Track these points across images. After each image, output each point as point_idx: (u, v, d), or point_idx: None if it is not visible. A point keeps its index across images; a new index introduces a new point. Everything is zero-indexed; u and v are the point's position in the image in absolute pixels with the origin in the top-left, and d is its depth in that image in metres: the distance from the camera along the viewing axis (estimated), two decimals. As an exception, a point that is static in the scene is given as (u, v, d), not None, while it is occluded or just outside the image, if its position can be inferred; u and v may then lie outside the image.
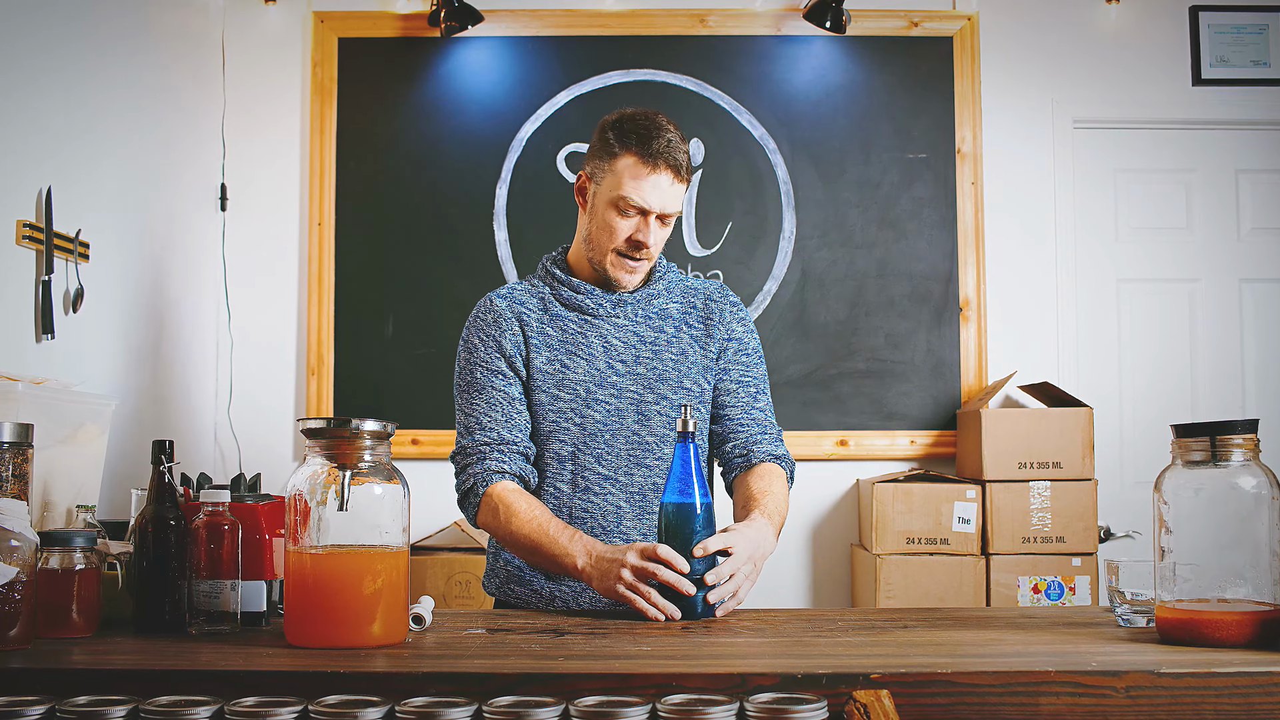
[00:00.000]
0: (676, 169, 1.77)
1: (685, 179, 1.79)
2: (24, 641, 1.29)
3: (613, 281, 1.83)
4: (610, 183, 1.78)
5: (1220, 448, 1.31)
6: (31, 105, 2.41)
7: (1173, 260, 3.55)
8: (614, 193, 1.77)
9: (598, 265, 1.84)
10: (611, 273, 1.82)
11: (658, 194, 1.77)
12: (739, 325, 1.92)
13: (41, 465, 1.66)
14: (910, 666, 1.13)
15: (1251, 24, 3.48)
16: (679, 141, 1.78)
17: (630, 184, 1.76)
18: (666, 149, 1.75)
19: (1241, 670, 1.12)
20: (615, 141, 1.78)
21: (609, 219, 1.79)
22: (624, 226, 1.78)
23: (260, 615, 1.46)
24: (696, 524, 1.55)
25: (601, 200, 1.80)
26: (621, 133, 1.78)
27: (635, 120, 1.78)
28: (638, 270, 1.83)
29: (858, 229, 3.46)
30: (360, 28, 3.48)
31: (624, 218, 1.78)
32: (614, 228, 1.79)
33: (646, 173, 1.75)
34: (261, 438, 3.40)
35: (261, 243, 3.45)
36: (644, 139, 1.76)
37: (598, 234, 1.81)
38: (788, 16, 3.47)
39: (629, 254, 1.80)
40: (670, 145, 1.76)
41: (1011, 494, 3.08)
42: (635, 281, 1.85)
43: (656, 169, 1.75)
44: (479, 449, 1.79)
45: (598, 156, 1.81)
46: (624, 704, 1.02)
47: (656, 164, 1.75)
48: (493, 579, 1.89)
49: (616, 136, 1.78)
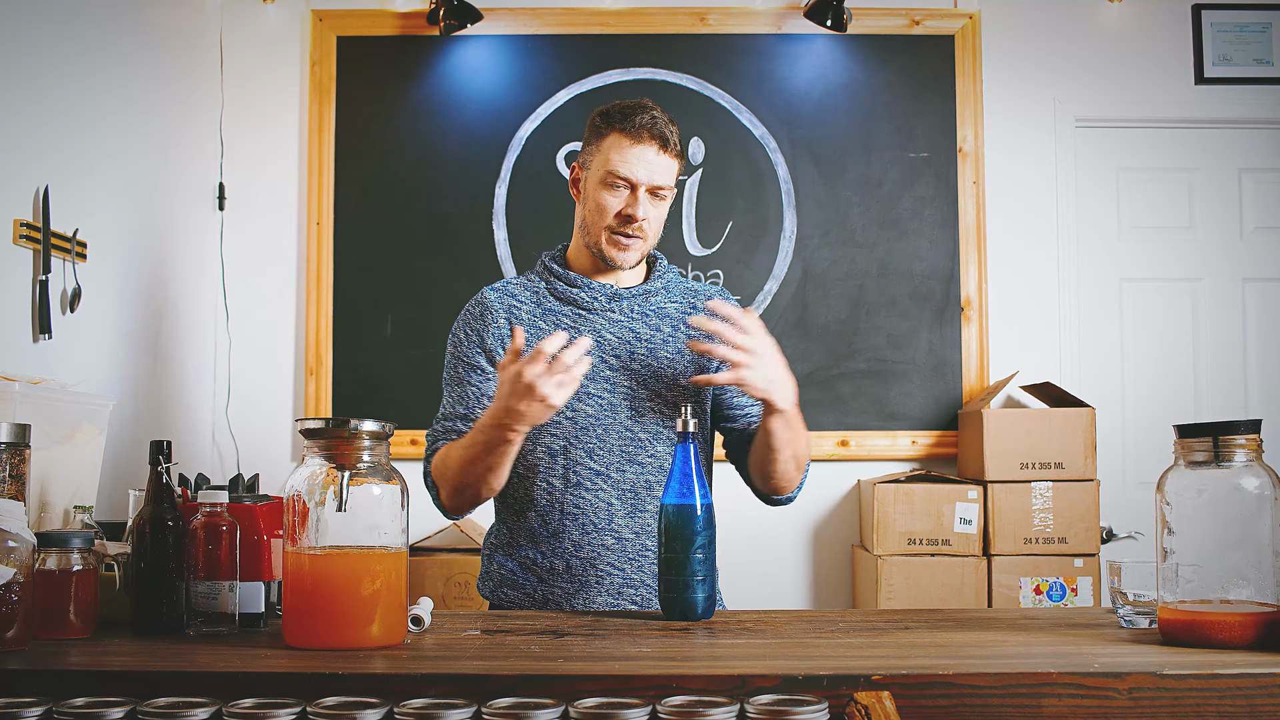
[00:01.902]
0: (663, 140, 1.80)
1: (674, 154, 1.82)
2: (21, 643, 1.28)
3: (608, 260, 1.84)
4: (598, 163, 1.82)
5: (1223, 448, 1.31)
6: (28, 104, 2.40)
7: (1175, 260, 3.54)
8: (601, 170, 1.81)
9: (594, 248, 1.84)
10: (607, 251, 1.83)
11: (644, 165, 1.79)
12: None
13: (39, 466, 1.65)
14: (912, 668, 1.13)
15: (1254, 22, 3.48)
16: (667, 122, 1.81)
17: (615, 157, 1.79)
18: (650, 123, 1.79)
19: (1245, 672, 1.12)
20: (602, 124, 1.83)
21: (599, 197, 1.81)
22: (613, 202, 1.80)
23: (258, 616, 1.46)
24: (697, 525, 1.54)
25: (592, 182, 1.83)
26: (607, 116, 1.83)
27: (621, 106, 1.84)
28: (631, 247, 1.82)
29: (859, 228, 3.45)
30: (359, 26, 3.47)
31: (613, 192, 1.80)
32: (604, 205, 1.81)
33: (629, 144, 1.79)
34: (260, 438, 3.40)
35: (260, 242, 3.45)
36: (627, 116, 1.80)
37: (591, 216, 1.84)
38: (788, 15, 3.46)
39: (621, 230, 1.81)
40: (654, 120, 1.80)
41: (1013, 495, 3.07)
42: (631, 260, 1.84)
43: (640, 140, 1.79)
44: (432, 437, 1.85)
45: (587, 145, 1.87)
46: (624, 705, 1.02)
47: (640, 136, 1.79)
48: (487, 582, 1.89)
49: (603, 120, 1.84)
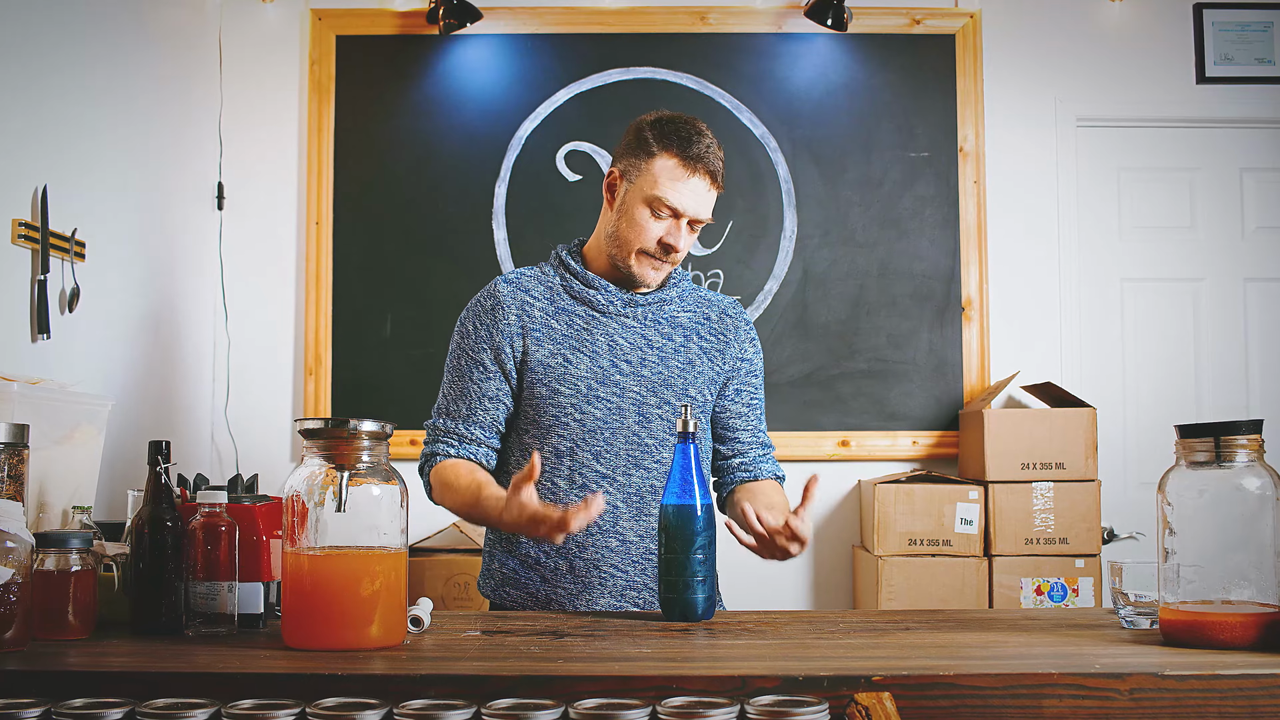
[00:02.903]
0: (714, 175, 1.77)
1: (720, 186, 1.79)
2: (19, 644, 1.28)
3: (636, 279, 1.83)
4: (645, 182, 1.77)
5: (1224, 448, 1.30)
6: (27, 103, 2.40)
7: (1176, 259, 3.53)
8: (649, 192, 1.76)
9: (620, 262, 1.82)
10: (636, 270, 1.81)
11: (694, 198, 1.76)
12: (750, 347, 1.95)
13: (37, 466, 1.65)
14: (912, 669, 1.12)
15: (1256, 21, 3.47)
16: (717, 149, 1.78)
17: (667, 184, 1.75)
18: (706, 153, 1.75)
19: (1246, 672, 1.11)
20: (654, 141, 1.77)
21: (640, 218, 1.78)
22: (656, 228, 1.78)
23: (257, 617, 1.45)
24: (697, 525, 1.54)
25: (634, 198, 1.78)
26: (662, 133, 1.77)
27: (675, 122, 1.78)
28: (662, 271, 1.83)
29: (859, 228, 3.45)
30: (358, 25, 3.47)
31: (657, 219, 1.77)
32: (645, 227, 1.78)
33: (685, 175, 1.75)
34: (259, 438, 3.40)
35: (259, 242, 3.44)
36: (685, 142, 1.75)
37: (626, 231, 1.80)
38: (789, 14, 3.46)
39: (658, 255, 1.79)
40: (709, 150, 1.76)
41: (1014, 495, 3.07)
42: (657, 281, 1.85)
43: (695, 172, 1.75)
44: (436, 432, 1.84)
45: (633, 154, 1.80)
46: (624, 706, 1.02)
47: (696, 168, 1.75)
48: (488, 581, 1.89)
49: (656, 136, 1.77)
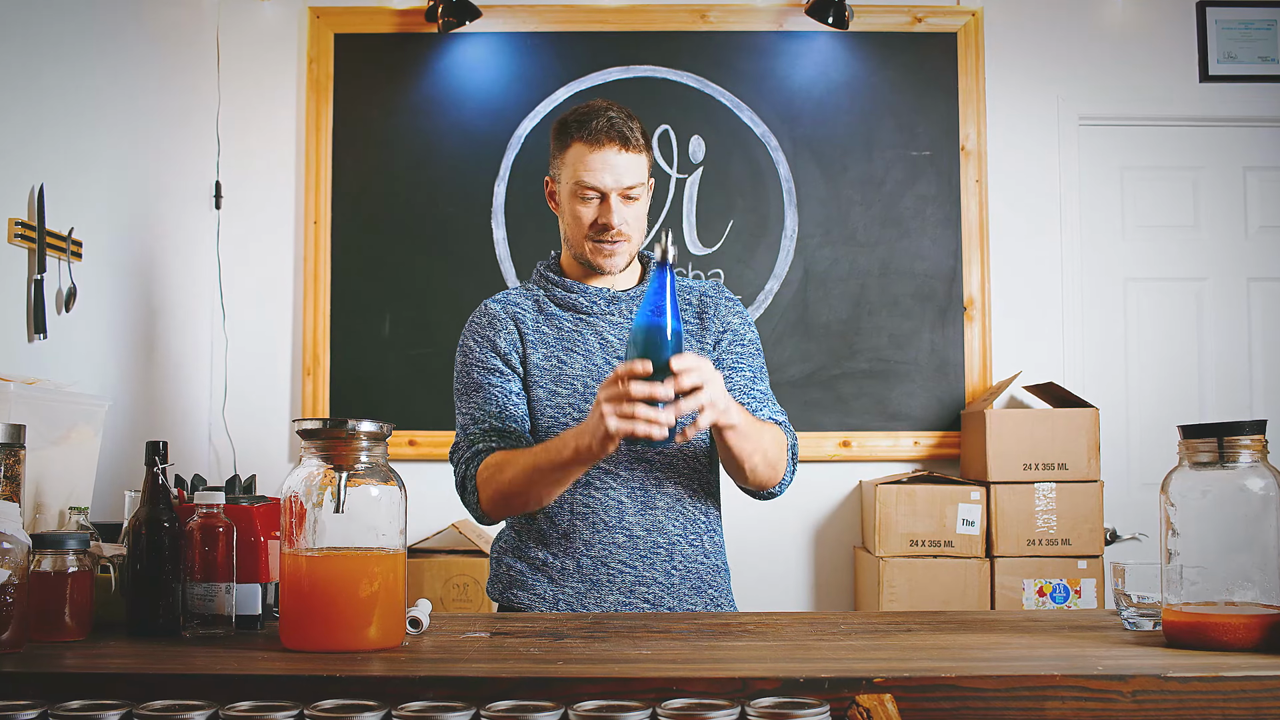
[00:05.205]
0: (623, 140, 1.79)
1: (638, 149, 1.81)
2: (16, 645, 1.27)
3: (601, 269, 1.85)
4: (566, 175, 1.82)
5: (1228, 449, 1.30)
6: (24, 102, 2.39)
7: (1180, 259, 3.53)
8: (570, 182, 1.81)
9: (580, 258, 1.86)
10: (592, 260, 1.84)
11: (609, 171, 1.79)
12: (735, 318, 1.92)
13: (34, 467, 1.65)
14: (914, 670, 1.12)
15: (1260, 20, 3.46)
16: (623, 116, 1.80)
17: (581, 168, 1.79)
18: (608, 125, 1.78)
19: (1249, 674, 1.11)
20: (562, 136, 1.83)
21: (574, 210, 1.82)
22: (587, 213, 1.81)
23: (255, 619, 1.45)
24: (667, 350, 1.54)
25: (565, 195, 1.84)
26: (565, 127, 1.83)
27: (577, 112, 1.83)
28: (616, 252, 1.84)
29: (860, 227, 3.44)
30: (356, 23, 3.46)
31: (585, 204, 1.81)
32: (580, 217, 1.82)
33: (591, 151, 1.79)
34: (256, 439, 3.39)
35: (256, 241, 3.43)
36: (583, 124, 1.80)
37: (570, 227, 1.85)
38: (789, 12, 3.45)
39: (601, 239, 1.82)
40: (612, 121, 1.79)
41: (1016, 496, 3.06)
42: (620, 264, 1.85)
43: (601, 146, 1.78)
44: (471, 439, 1.81)
45: (554, 157, 1.86)
46: (624, 708, 1.02)
47: (599, 141, 1.78)
48: (496, 584, 1.89)
49: (561, 131, 1.83)
